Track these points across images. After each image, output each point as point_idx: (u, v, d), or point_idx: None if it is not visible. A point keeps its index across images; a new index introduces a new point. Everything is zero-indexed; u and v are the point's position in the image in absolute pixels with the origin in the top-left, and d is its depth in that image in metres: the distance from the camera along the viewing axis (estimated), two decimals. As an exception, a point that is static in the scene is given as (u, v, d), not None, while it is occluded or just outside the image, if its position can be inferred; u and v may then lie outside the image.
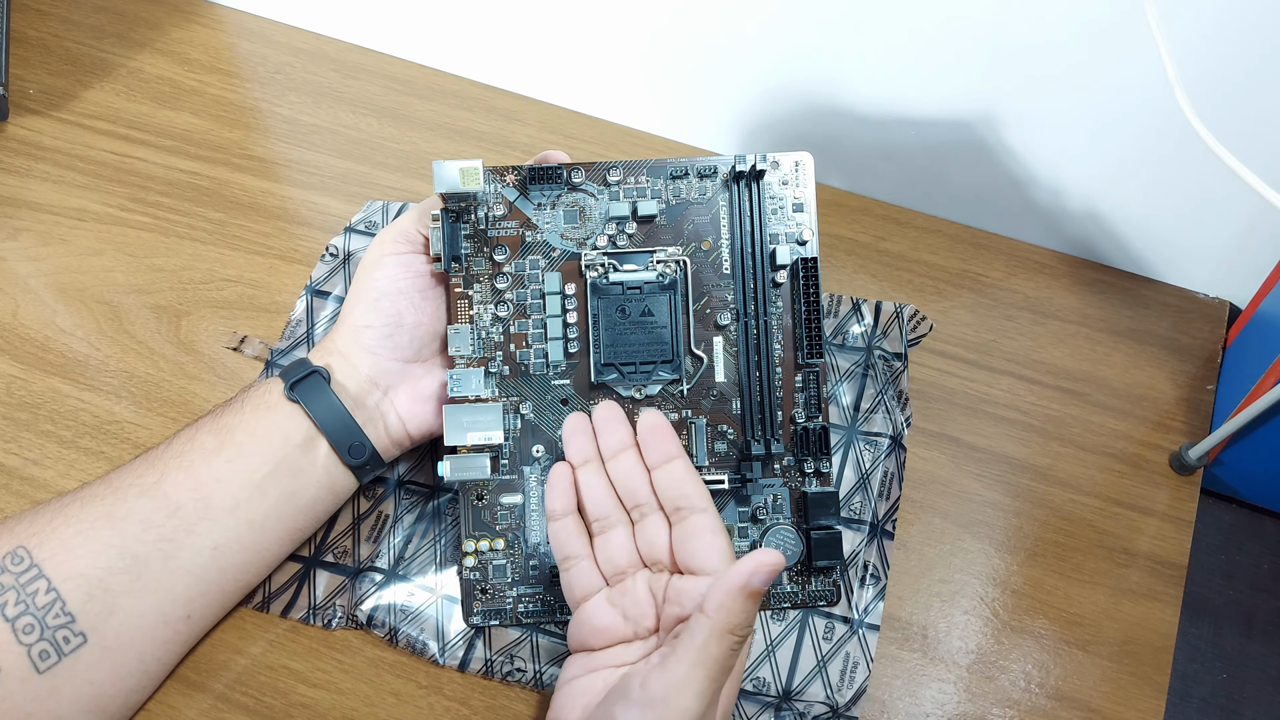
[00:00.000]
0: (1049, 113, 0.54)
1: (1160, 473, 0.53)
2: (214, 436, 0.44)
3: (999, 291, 0.59)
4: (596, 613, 0.41)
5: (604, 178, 0.47)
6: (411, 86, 0.66)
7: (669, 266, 0.47)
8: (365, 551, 0.48)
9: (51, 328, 0.56)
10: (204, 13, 0.70)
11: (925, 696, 0.47)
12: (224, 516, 0.43)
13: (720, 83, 0.61)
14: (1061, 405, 0.55)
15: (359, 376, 0.46)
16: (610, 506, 0.42)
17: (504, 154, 0.64)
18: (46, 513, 0.42)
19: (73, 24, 0.69)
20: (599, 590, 0.42)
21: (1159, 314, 0.58)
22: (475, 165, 0.44)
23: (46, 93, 0.65)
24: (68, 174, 0.62)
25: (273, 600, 0.47)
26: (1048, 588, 0.49)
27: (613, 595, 0.41)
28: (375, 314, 0.46)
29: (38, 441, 0.52)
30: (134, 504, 0.42)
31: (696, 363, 0.47)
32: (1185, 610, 0.49)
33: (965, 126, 0.57)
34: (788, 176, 0.48)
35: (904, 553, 0.50)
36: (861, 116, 0.59)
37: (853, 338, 0.55)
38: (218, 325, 0.56)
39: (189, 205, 0.61)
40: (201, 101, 0.65)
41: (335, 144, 0.64)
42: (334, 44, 0.68)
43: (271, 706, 0.45)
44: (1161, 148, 0.53)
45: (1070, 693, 0.47)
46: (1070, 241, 0.60)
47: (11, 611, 0.39)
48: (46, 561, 0.40)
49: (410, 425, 0.47)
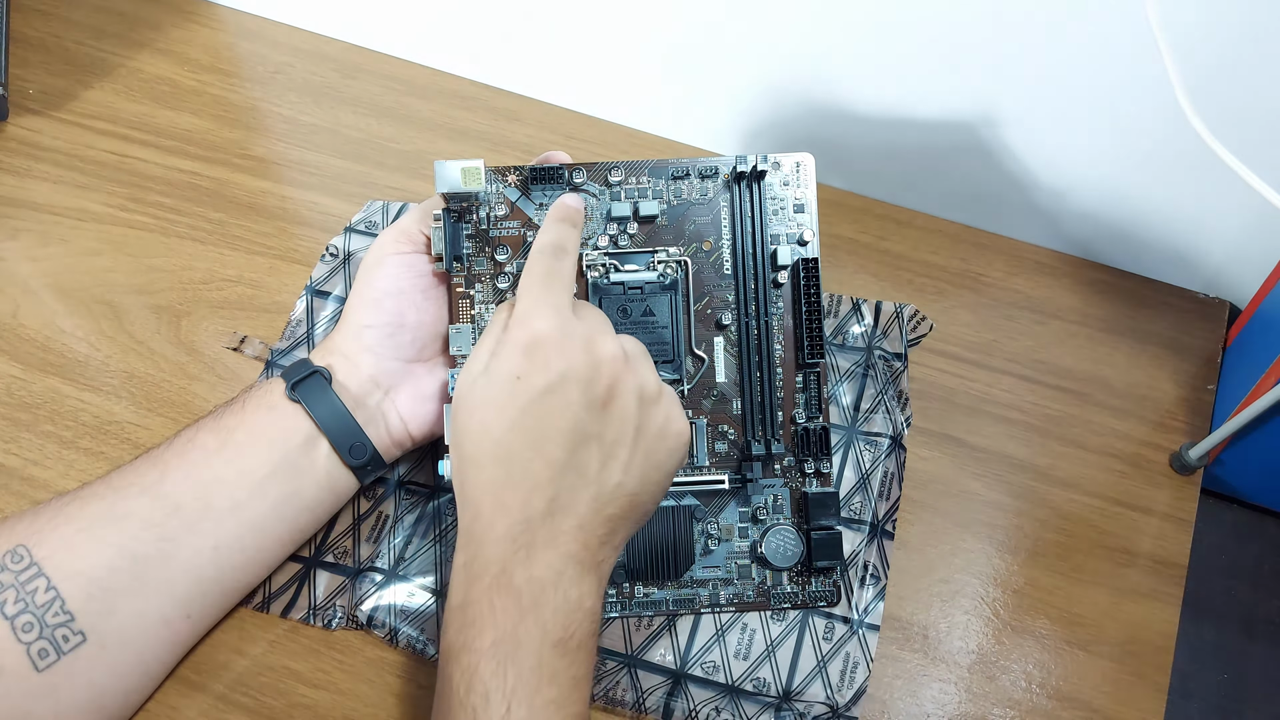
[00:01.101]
0: (1050, 113, 0.54)
1: (1161, 473, 0.53)
2: (215, 436, 0.44)
3: (999, 291, 0.59)
4: None
5: (605, 178, 0.47)
6: (411, 86, 0.66)
7: (670, 267, 0.47)
8: (365, 552, 0.48)
9: (51, 328, 0.56)
10: (204, 13, 0.70)
11: (925, 696, 0.47)
12: (225, 517, 0.43)
13: (721, 83, 0.61)
14: (1062, 405, 0.55)
15: (360, 377, 0.46)
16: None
17: (504, 154, 0.64)
18: (47, 512, 0.42)
19: (73, 24, 0.69)
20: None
21: (1159, 314, 0.58)
22: (477, 165, 0.44)
23: (46, 93, 0.65)
24: (68, 174, 0.61)
25: (273, 600, 0.47)
26: (1048, 588, 0.49)
27: None
28: (377, 314, 0.46)
29: (38, 442, 0.52)
30: (134, 503, 0.42)
31: (697, 363, 0.47)
32: (1186, 610, 0.49)
33: (966, 127, 0.57)
34: (789, 177, 0.48)
35: (904, 553, 0.50)
36: (863, 117, 0.59)
37: (853, 338, 0.55)
38: (218, 325, 0.56)
39: (189, 205, 0.60)
40: (201, 101, 0.65)
41: (335, 144, 0.63)
42: (334, 44, 0.68)
43: (271, 707, 0.45)
44: (1161, 148, 0.53)
45: (1071, 693, 0.47)
46: (1071, 241, 0.60)
47: (11, 610, 0.39)
48: (46, 560, 0.40)
49: (412, 425, 0.47)
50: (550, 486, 0.37)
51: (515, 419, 0.37)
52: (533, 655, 0.35)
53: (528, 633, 0.35)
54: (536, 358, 0.37)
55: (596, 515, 0.37)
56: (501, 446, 0.37)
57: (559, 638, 0.36)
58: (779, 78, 0.59)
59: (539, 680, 0.35)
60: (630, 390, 0.38)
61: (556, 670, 0.35)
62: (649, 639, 0.47)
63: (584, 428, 0.37)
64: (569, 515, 0.37)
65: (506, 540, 0.36)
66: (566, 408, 0.37)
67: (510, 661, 0.35)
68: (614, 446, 0.38)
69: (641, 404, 0.39)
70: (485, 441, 0.37)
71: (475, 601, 0.36)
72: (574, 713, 0.36)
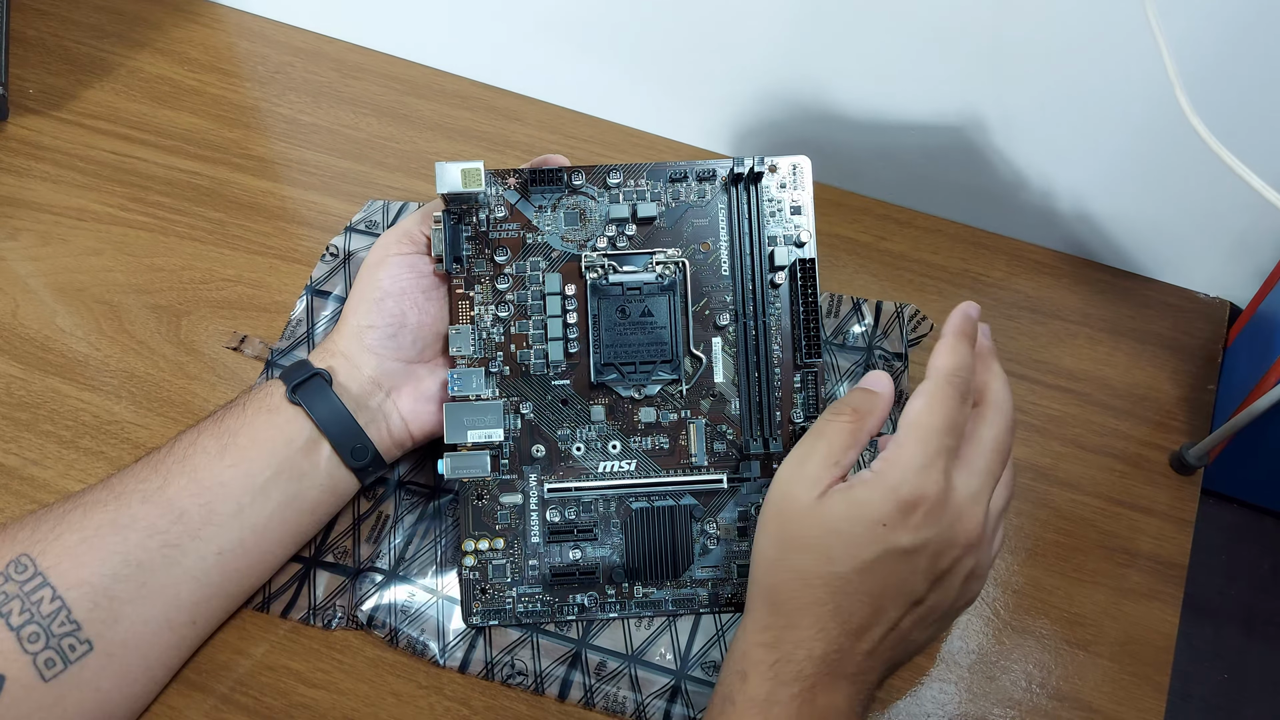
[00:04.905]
0: (1049, 113, 0.54)
1: (1161, 473, 0.53)
2: (216, 440, 0.44)
3: (1000, 291, 0.59)
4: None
5: (604, 180, 0.47)
6: (411, 86, 0.66)
7: (668, 268, 0.47)
8: (365, 552, 0.48)
9: (51, 328, 0.56)
10: (204, 13, 0.70)
11: (925, 696, 0.47)
12: (227, 521, 0.43)
13: (720, 83, 0.61)
14: (1062, 405, 0.55)
15: (362, 378, 0.46)
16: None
17: (504, 154, 0.64)
18: (49, 519, 0.42)
19: (73, 24, 0.69)
20: None
21: (1159, 314, 0.58)
22: (477, 167, 0.44)
23: (46, 92, 0.65)
24: (68, 174, 0.62)
25: (273, 600, 0.47)
26: (1048, 587, 0.49)
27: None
28: (378, 314, 0.46)
29: (38, 441, 0.52)
30: (137, 510, 0.42)
31: (695, 363, 0.47)
32: (1186, 610, 0.49)
33: (966, 126, 0.57)
34: (786, 179, 0.48)
35: (904, 553, 0.50)
36: (862, 117, 0.59)
37: (853, 338, 0.55)
38: (218, 325, 0.56)
39: (189, 205, 0.61)
40: (201, 101, 0.65)
41: (335, 144, 0.63)
42: (334, 44, 0.68)
43: (272, 707, 0.45)
44: (1161, 148, 0.53)
45: (1071, 693, 0.47)
46: (1071, 241, 0.60)
47: (16, 620, 0.39)
48: (51, 570, 0.40)
49: (413, 426, 0.47)
50: (870, 632, 0.38)
51: (865, 564, 0.37)
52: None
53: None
54: (910, 518, 0.37)
55: (887, 662, 0.39)
56: (839, 580, 0.37)
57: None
58: (779, 77, 0.59)
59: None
60: (965, 570, 0.39)
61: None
62: (649, 639, 0.47)
63: (917, 592, 0.38)
64: (874, 658, 0.38)
65: (820, 661, 0.37)
66: (913, 574, 0.37)
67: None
68: (930, 612, 0.39)
69: (966, 580, 0.40)
70: (826, 567, 0.37)
71: (781, 704, 0.37)
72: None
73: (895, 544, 0.37)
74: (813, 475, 0.39)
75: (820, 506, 0.38)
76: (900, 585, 0.38)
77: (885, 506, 0.37)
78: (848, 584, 0.37)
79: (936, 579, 0.38)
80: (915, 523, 0.37)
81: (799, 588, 0.38)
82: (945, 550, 0.38)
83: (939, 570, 0.38)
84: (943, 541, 0.37)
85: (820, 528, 0.38)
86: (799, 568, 0.38)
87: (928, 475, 0.37)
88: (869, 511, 0.37)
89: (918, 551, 0.37)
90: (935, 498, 0.37)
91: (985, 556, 0.40)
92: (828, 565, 0.37)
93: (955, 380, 0.39)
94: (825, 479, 0.38)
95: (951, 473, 0.38)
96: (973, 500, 0.38)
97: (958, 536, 0.38)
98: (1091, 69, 0.51)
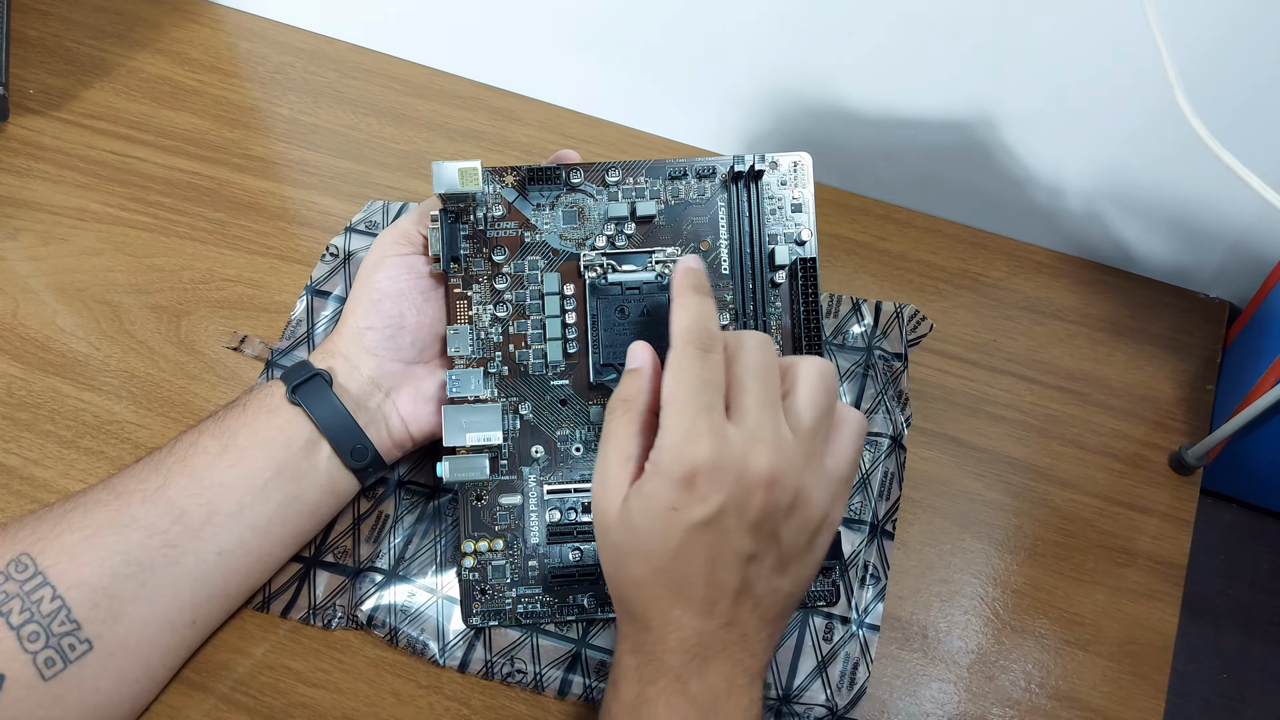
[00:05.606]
0: (1049, 112, 0.54)
1: (1160, 473, 0.53)
2: (216, 440, 0.44)
3: (999, 291, 0.59)
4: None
5: (603, 178, 0.47)
6: (411, 86, 0.66)
7: (668, 267, 0.47)
8: (365, 552, 0.48)
9: (51, 328, 0.56)
10: (204, 13, 0.70)
11: (925, 696, 0.47)
12: (228, 521, 0.43)
13: (720, 82, 0.61)
14: (1062, 405, 0.55)
15: (361, 379, 0.46)
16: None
17: (503, 154, 0.64)
18: (49, 519, 0.42)
19: (73, 24, 0.69)
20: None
21: (1159, 314, 0.58)
22: (474, 166, 0.44)
23: (46, 93, 0.65)
24: (68, 174, 0.62)
25: (273, 600, 0.47)
26: (1048, 587, 0.49)
27: None
28: (377, 315, 0.46)
29: (38, 441, 0.52)
30: (138, 510, 0.42)
31: (696, 363, 0.47)
32: (1185, 610, 0.49)
33: (965, 126, 0.57)
34: (786, 177, 0.48)
35: (904, 553, 0.50)
36: (862, 117, 0.59)
37: (853, 337, 0.55)
38: (218, 325, 0.56)
39: (189, 205, 0.61)
40: (201, 101, 0.65)
41: (335, 144, 0.64)
42: (334, 44, 0.68)
43: (272, 706, 0.45)
44: (1161, 148, 0.53)
45: (1070, 692, 0.47)
46: (1070, 241, 0.60)
47: (16, 619, 0.39)
48: (51, 569, 0.40)
49: (412, 426, 0.47)
50: (717, 605, 0.37)
51: (677, 549, 0.37)
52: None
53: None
54: (694, 492, 0.36)
55: (760, 622, 0.38)
56: (666, 572, 0.37)
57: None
58: (778, 76, 0.59)
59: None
60: (784, 504, 0.38)
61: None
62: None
63: (742, 550, 0.37)
64: (736, 627, 0.38)
65: (680, 652, 0.37)
66: (726, 536, 0.37)
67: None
68: (778, 558, 0.38)
69: (790, 512, 0.38)
70: (647, 566, 0.37)
71: (651, 701, 0.37)
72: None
73: (692, 519, 0.36)
74: (613, 482, 0.38)
75: (624, 512, 0.38)
76: (721, 552, 0.37)
77: (668, 491, 0.36)
78: (673, 573, 0.37)
79: (756, 528, 0.37)
80: (701, 493, 0.36)
81: (638, 592, 0.38)
82: (746, 500, 0.37)
83: (752, 520, 0.37)
84: (740, 494, 0.36)
85: (629, 532, 0.37)
86: (630, 574, 0.38)
87: (694, 444, 0.36)
88: (657, 501, 0.37)
89: (718, 517, 0.36)
90: (709, 460, 0.36)
91: (809, 478, 0.38)
92: (649, 563, 0.37)
93: (691, 337, 0.38)
94: (624, 479, 0.38)
95: (721, 426, 0.37)
96: (752, 439, 0.37)
97: (751, 480, 0.36)
98: (1091, 69, 0.51)
